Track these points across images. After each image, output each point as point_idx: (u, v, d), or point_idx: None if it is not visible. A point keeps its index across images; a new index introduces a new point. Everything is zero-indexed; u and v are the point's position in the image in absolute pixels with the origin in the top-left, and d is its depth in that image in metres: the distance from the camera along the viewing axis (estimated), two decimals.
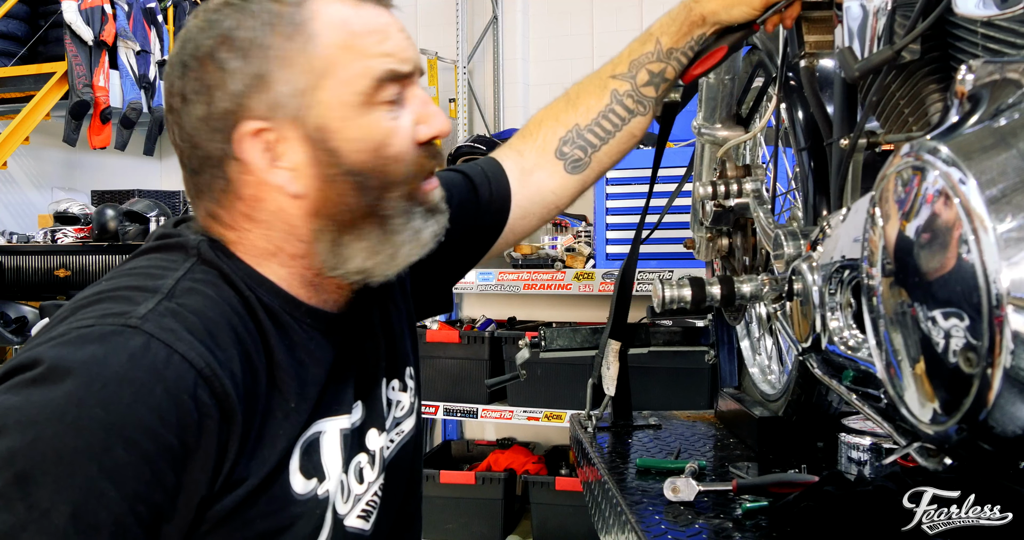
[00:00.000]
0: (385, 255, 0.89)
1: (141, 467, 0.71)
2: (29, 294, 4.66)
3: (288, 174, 0.85)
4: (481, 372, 3.38)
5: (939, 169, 0.69)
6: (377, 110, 0.86)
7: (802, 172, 1.32)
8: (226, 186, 0.87)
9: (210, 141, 0.85)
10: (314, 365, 0.89)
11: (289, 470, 0.84)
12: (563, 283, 3.19)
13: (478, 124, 5.11)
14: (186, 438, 0.74)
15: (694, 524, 1.17)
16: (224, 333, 0.80)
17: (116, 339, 0.74)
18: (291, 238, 0.88)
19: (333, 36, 0.85)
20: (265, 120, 0.84)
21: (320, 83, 0.84)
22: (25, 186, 5.60)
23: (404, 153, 0.88)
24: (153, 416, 0.72)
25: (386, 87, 0.86)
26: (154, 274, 0.83)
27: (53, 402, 0.70)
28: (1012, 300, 0.62)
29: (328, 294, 0.92)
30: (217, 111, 0.84)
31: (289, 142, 0.85)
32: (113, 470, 0.70)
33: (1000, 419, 0.66)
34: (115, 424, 0.70)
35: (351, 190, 0.86)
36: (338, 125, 0.85)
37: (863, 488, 1.07)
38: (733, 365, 1.82)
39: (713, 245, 1.68)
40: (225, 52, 0.83)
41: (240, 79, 0.83)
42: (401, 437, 1.04)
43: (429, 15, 5.17)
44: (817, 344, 1.07)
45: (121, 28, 4.79)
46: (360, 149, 0.85)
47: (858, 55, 1.04)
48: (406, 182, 0.88)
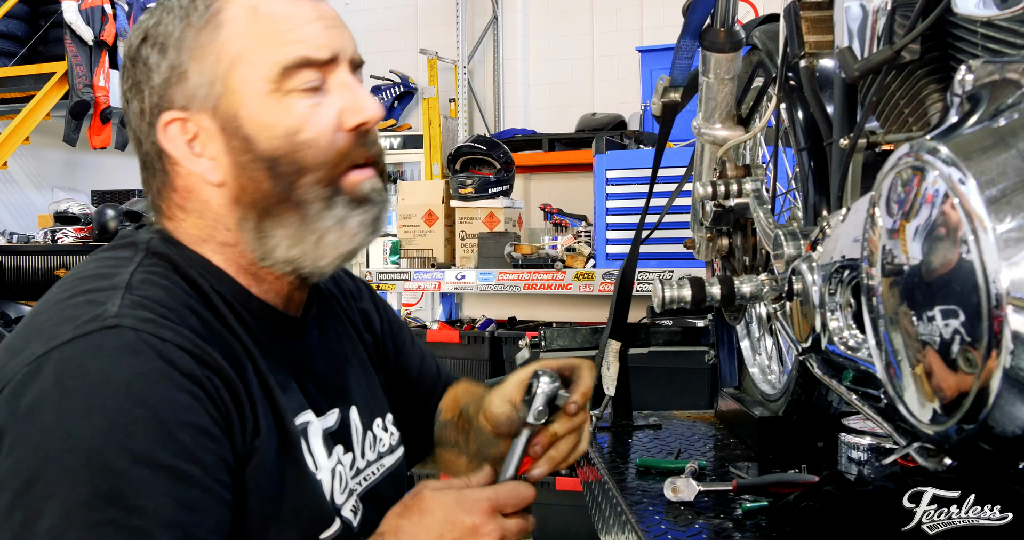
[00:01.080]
0: (309, 243, 0.89)
1: (202, 440, 0.76)
2: (29, 294, 4.67)
3: (209, 163, 0.88)
4: (481, 372, 3.38)
5: (939, 169, 0.69)
6: (291, 97, 0.86)
7: (802, 172, 1.32)
8: (164, 179, 0.91)
9: (146, 137, 0.90)
10: (275, 352, 0.91)
11: (300, 448, 0.88)
12: (563, 283, 3.19)
13: (478, 124, 5.10)
14: (216, 407, 0.78)
15: (694, 524, 1.17)
16: (190, 317, 0.82)
17: (107, 345, 0.75)
18: (219, 226, 0.90)
19: (241, 25, 0.87)
20: (183, 111, 0.87)
21: (230, 72, 0.86)
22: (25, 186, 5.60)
23: (319, 139, 0.87)
24: (185, 396, 0.76)
25: (298, 73, 0.86)
26: (105, 274, 0.84)
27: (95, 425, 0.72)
28: (1012, 300, 0.62)
29: (268, 284, 0.93)
30: (147, 106, 0.89)
31: (207, 132, 0.88)
32: (185, 452, 0.74)
33: (1000, 419, 0.66)
34: (162, 412, 0.74)
35: (264, 177, 0.87)
36: (249, 112, 0.86)
37: (863, 488, 1.07)
38: (733, 365, 1.82)
39: (713, 245, 1.68)
40: (147, 48, 0.88)
41: (160, 72, 0.88)
42: (383, 470, 1.05)
43: (429, 15, 5.18)
44: (817, 344, 1.06)
45: (121, 28, 4.79)
46: (272, 135, 0.86)
47: (858, 55, 1.04)
48: (322, 169, 0.88)
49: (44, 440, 0.71)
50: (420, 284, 3.45)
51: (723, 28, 1.44)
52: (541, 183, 4.78)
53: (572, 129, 4.57)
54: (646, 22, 4.84)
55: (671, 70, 1.61)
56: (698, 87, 1.58)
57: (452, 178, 3.58)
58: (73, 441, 0.71)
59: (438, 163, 4.64)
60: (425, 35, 5.04)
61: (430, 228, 3.64)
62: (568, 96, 5.01)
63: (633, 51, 4.31)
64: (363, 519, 0.96)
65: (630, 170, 3.17)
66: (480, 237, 3.43)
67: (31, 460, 0.71)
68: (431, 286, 3.45)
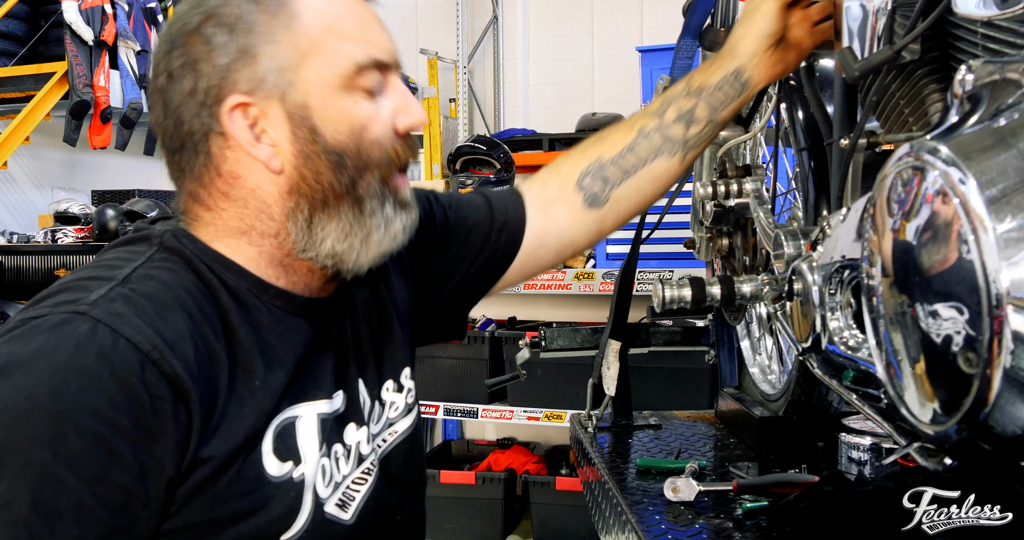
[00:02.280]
0: (357, 239, 0.90)
1: (96, 450, 0.73)
2: (29, 294, 4.63)
3: (270, 149, 0.87)
4: (481, 372, 3.38)
5: (939, 169, 0.69)
6: (356, 94, 0.88)
7: (802, 172, 1.32)
8: (207, 161, 0.89)
9: (195, 116, 0.87)
10: (283, 347, 0.90)
11: (261, 451, 0.85)
12: (563, 283, 3.19)
13: (478, 124, 5.10)
14: (140, 419, 0.75)
15: (694, 524, 1.17)
16: (176, 315, 0.81)
17: (64, 327, 0.75)
18: (263, 216, 0.90)
19: (317, 17, 0.87)
20: (249, 95, 0.86)
21: (303, 62, 0.86)
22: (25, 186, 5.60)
23: (381, 138, 0.90)
24: (102, 400, 0.73)
25: (367, 74, 0.88)
26: (114, 265, 0.84)
27: (6, 397, 0.72)
28: (1012, 300, 0.62)
29: (299, 276, 0.93)
30: (203, 85, 0.86)
31: (271, 118, 0.87)
32: (68, 456, 0.72)
33: (1000, 419, 0.66)
34: (65, 411, 0.72)
35: (328, 168, 0.88)
36: (319, 104, 0.87)
37: (863, 488, 1.07)
38: (733, 365, 1.82)
39: (713, 245, 1.68)
40: (212, 27, 0.86)
41: (226, 53, 0.86)
42: (395, 437, 1.04)
43: (429, 15, 5.17)
44: (817, 344, 1.07)
45: (121, 28, 4.78)
46: (339, 129, 0.87)
47: (858, 55, 1.04)
48: (381, 167, 0.90)
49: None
50: None
51: (723, 28, 1.44)
52: None
53: (572, 129, 4.57)
54: (646, 22, 4.84)
55: (671, 70, 1.61)
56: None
57: (452, 178, 3.58)
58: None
59: (438, 163, 4.63)
60: (425, 35, 5.04)
61: None
62: (568, 96, 5.01)
63: (633, 51, 4.31)
64: (365, 502, 0.95)
65: None
66: None
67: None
68: None
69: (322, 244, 0.90)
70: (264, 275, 0.91)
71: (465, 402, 3.43)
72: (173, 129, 0.89)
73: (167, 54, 0.88)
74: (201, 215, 0.92)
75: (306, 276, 0.93)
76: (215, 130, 0.87)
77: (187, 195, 0.92)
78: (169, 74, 0.88)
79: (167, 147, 0.92)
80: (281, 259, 0.91)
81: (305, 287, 0.94)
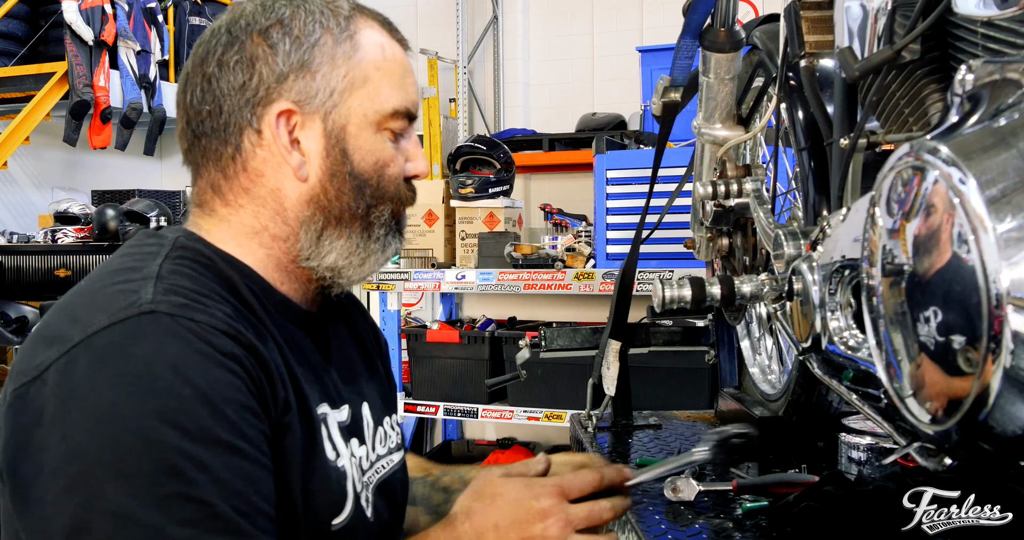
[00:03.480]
0: (357, 258, 0.96)
1: (246, 416, 0.79)
2: (29, 294, 4.66)
3: (301, 158, 0.93)
4: (481, 372, 3.38)
5: (939, 169, 0.69)
6: (385, 134, 0.96)
7: (802, 172, 1.32)
8: (235, 153, 0.93)
9: (238, 109, 0.91)
10: (298, 346, 0.94)
11: (321, 434, 0.91)
12: (563, 283, 3.19)
13: (478, 124, 5.11)
14: (253, 383, 0.81)
15: (694, 524, 1.17)
16: (222, 304, 0.85)
17: (147, 328, 0.78)
18: (278, 218, 0.94)
19: (373, 55, 0.95)
20: (297, 105, 0.92)
21: (352, 90, 0.93)
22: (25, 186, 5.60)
23: (397, 178, 0.98)
24: (227, 373, 0.79)
25: (398, 119, 0.96)
26: (134, 267, 0.86)
27: (150, 406, 0.75)
28: (1012, 300, 0.62)
29: (299, 284, 0.97)
30: (255, 84, 0.91)
31: (309, 131, 0.92)
32: (233, 429, 0.77)
33: (1000, 419, 0.66)
34: (208, 392, 0.77)
35: (350, 190, 0.94)
36: (355, 131, 0.94)
37: (863, 488, 1.07)
38: (733, 365, 1.82)
39: (713, 245, 1.68)
40: (280, 34, 0.91)
41: (287, 62, 0.91)
42: (391, 465, 1.07)
43: (429, 15, 5.17)
44: (817, 344, 1.07)
45: (121, 28, 4.79)
46: (366, 159, 0.94)
47: (858, 55, 1.04)
48: (393, 202, 0.98)
49: (98, 424, 0.74)
50: (420, 284, 3.44)
51: (723, 28, 1.44)
52: (541, 183, 4.78)
53: (572, 129, 4.57)
54: (646, 22, 4.85)
55: (671, 70, 1.61)
56: (698, 87, 1.58)
57: (452, 178, 3.58)
58: (128, 422, 0.74)
59: (438, 163, 4.64)
60: (425, 35, 5.04)
61: (430, 228, 3.65)
62: (568, 96, 5.01)
63: (633, 51, 4.32)
64: (374, 510, 0.99)
65: (630, 170, 3.17)
66: (480, 237, 3.43)
67: (88, 445, 0.73)
68: (431, 286, 3.45)
69: (326, 257, 0.95)
70: (270, 279, 0.95)
71: (465, 402, 3.43)
72: (207, 115, 0.93)
73: (225, 45, 0.92)
74: (218, 209, 0.95)
75: (304, 284, 0.98)
76: (253, 127, 0.92)
77: (207, 185, 0.95)
78: (220, 63, 0.92)
79: (194, 129, 0.94)
80: (287, 265, 0.95)
81: (303, 296, 0.98)
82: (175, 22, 5.49)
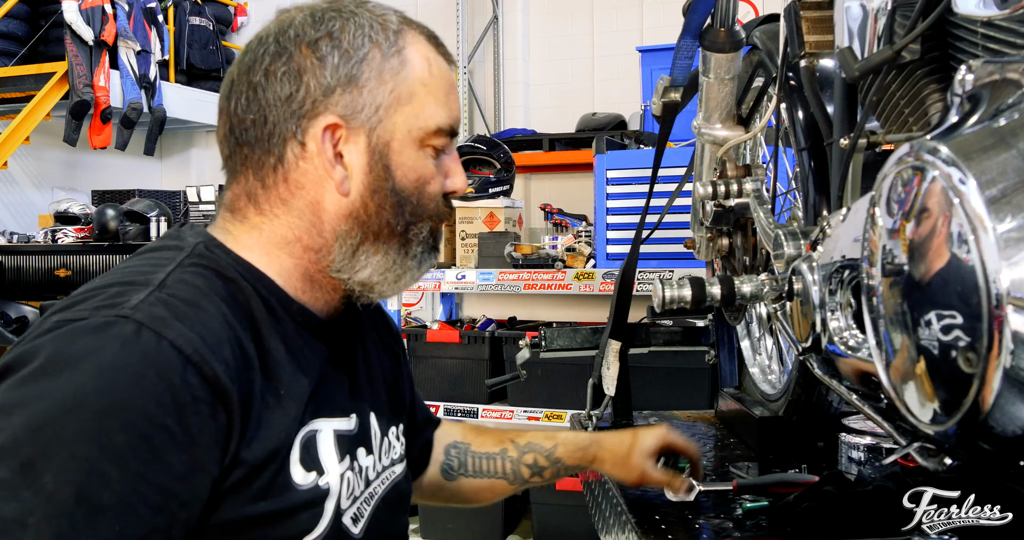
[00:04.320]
0: (392, 275, 0.95)
1: (140, 447, 0.74)
2: (29, 294, 4.67)
3: (344, 172, 0.92)
4: (481, 372, 3.38)
5: (939, 169, 0.69)
6: (427, 150, 0.95)
7: (802, 172, 1.32)
8: (277, 164, 0.92)
9: (284, 120, 0.91)
10: (305, 360, 0.92)
11: (290, 460, 0.87)
12: (563, 283, 3.19)
13: (478, 124, 5.11)
14: (182, 419, 0.76)
15: (694, 524, 1.17)
16: (214, 320, 0.82)
17: (109, 330, 0.76)
18: (313, 231, 0.93)
19: (420, 71, 0.94)
20: (343, 119, 0.91)
21: (398, 107, 0.92)
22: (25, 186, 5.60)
23: (436, 195, 0.97)
24: (148, 399, 0.75)
25: (441, 136, 0.96)
26: (146, 271, 0.86)
27: (53, 392, 0.73)
28: (1012, 300, 0.62)
29: (322, 292, 0.96)
30: (302, 96, 0.90)
31: (354, 146, 0.92)
32: (113, 451, 0.73)
33: (1000, 419, 0.66)
34: (112, 408, 0.73)
35: (391, 207, 0.93)
36: (398, 148, 0.93)
37: (863, 488, 1.07)
38: (733, 365, 1.82)
39: (713, 245, 1.68)
40: (328, 47, 0.90)
41: (335, 75, 0.90)
42: (393, 477, 1.07)
43: (429, 15, 5.17)
44: (817, 344, 1.07)
45: (121, 28, 4.79)
46: (408, 176, 0.94)
47: (858, 55, 1.04)
48: (432, 219, 0.97)
49: (19, 409, 0.73)
50: (420, 284, 3.44)
51: (723, 28, 1.44)
52: (541, 183, 4.78)
53: (572, 129, 4.57)
54: (646, 22, 4.85)
55: (671, 70, 1.61)
56: (698, 87, 1.58)
57: None
58: (27, 408, 0.73)
59: None
60: None
61: None
62: (568, 96, 5.01)
63: (633, 51, 4.32)
64: (370, 523, 0.98)
65: (630, 170, 3.17)
66: (480, 237, 3.43)
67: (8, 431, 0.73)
68: (431, 286, 3.45)
69: (360, 271, 0.94)
70: (292, 288, 0.93)
71: (465, 402, 3.43)
72: (251, 124, 0.92)
73: (274, 55, 0.91)
74: (251, 217, 0.94)
75: (328, 293, 0.96)
76: (297, 138, 0.91)
77: (243, 193, 0.94)
78: (267, 73, 0.91)
79: (237, 137, 0.93)
80: (313, 274, 0.94)
81: (325, 304, 0.97)
82: (175, 22, 5.50)
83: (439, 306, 4.31)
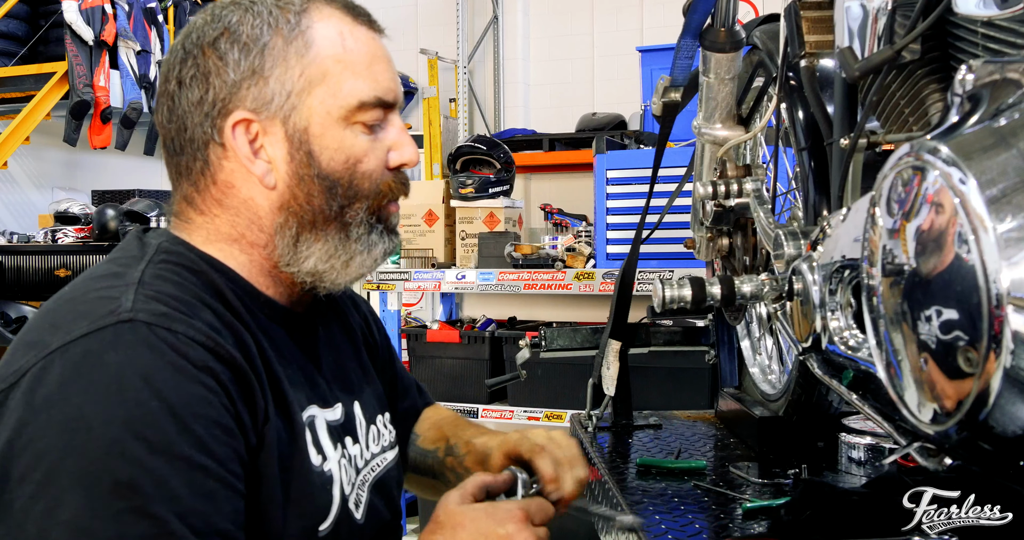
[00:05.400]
0: (339, 261, 0.94)
1: (215, 432, 0.77)
2: (29, 294, 4.66)
3: (266, 166, 0.91)
4: (481, 372, 3.38)
5: (939, 169, 0.69)
6: (355, 128, 0.92)
7: (802, 172, 1.32)
8: (204, 168, 0.92)
9: (199, 124, 0.90)
10: (285, 349, 0.94)
11: (306, 440, 0.90)
12: (563, 283, 3.19)
13: (478, 124, 5.10)
14: (226, 399, 0.80)
15: (694, 524, 1.17)
16: (204, 311, 0.84)
17: (124, 337, 0.77)
18: (254, 227, 0.93)
19: (329, 48, 0.91)
20: (254, 112, 0.89)
21: (310, 89, 0.90)
22: (25, 186, 5.60)
23: (373, 172, 0.94)
24: (199, 387, 0.78)
25: (369, 110, 0.92)
26: (117, 272, 0.86)
27: (117, 413, 0.74)
28: (1012, 300, 0.62)
29: (284, 286, 0.97)
30: (211, 97, 0.89)
31: (271, 137, 0.90)
32: (199, 445, 0.75)
33: (1000, 419, 0.66)
34: (178, 405, 0.76)
35: (320, 193, 0.92)
36: (319, 131, 0.90)
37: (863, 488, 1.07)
38: (733, 365, 1.82)
39: (713, 245, 1.68)
40: (227, 43, 0.89)
41: (238, 70, 0.89)
42: (385, 463, 1.07)
43: (429, 15, 5.17)
44: (817, 344, 1.07)
45: (121, 28, 4.78)
46: (335, 158, 0.91)
47: (858, 55, 1.04)
48: (371, 198, 0.94)
49: (64, 432, 0.73)
50: (420, 284, 3.44)
51: (723, 28, 1.44)
52: (541, 183, 4.78)
53: (572, 129, 4.57)
54: (646, 22, 4.84)
55: (671, 70, 1.61)
56: (698, 87, 1.58)
57: (452, 178, 3.58)
58: (93, 432, 0.73)
59: (438, 163, 4.64)
60: (425, 35, 5.04)
61: (430, 228, 3.64)
62: (568, 96, 5.01)
63: (633, 51, 4.31)
64: (367, 509, 0.99)
65: (630, 170, 3.17)
66: (480, 237, 3.43)
67: (53, 451, 0.73)
68: (431, 286, 3.45)
69: (305, 262, 0.93)
70: (256, 283, 0.94)
71: (465, 402, 3.42)
72: (176, 133, 0.92)
73: (180, 62, 0.91)
74: (194, 218, 0.94)
75: (288, 287, 0.97)
76: (216, 140, 0.91)
77: (182, 198, 0.95)
78: (179, 81, 0.91)
79: (168, 149, 0.95)
80: (269, 270, 0.95)
81: (288, 298, 0.97)
82: (175, 22, 5.49)
83: (439, 306, 4.30)
